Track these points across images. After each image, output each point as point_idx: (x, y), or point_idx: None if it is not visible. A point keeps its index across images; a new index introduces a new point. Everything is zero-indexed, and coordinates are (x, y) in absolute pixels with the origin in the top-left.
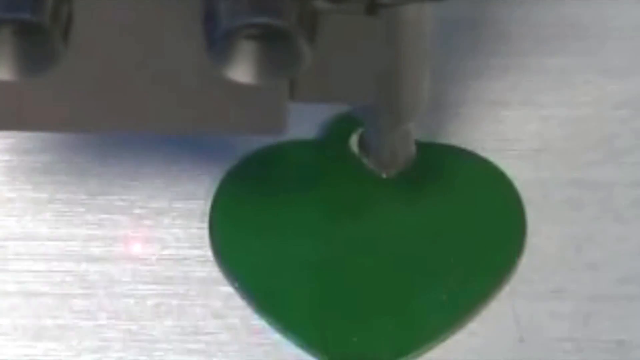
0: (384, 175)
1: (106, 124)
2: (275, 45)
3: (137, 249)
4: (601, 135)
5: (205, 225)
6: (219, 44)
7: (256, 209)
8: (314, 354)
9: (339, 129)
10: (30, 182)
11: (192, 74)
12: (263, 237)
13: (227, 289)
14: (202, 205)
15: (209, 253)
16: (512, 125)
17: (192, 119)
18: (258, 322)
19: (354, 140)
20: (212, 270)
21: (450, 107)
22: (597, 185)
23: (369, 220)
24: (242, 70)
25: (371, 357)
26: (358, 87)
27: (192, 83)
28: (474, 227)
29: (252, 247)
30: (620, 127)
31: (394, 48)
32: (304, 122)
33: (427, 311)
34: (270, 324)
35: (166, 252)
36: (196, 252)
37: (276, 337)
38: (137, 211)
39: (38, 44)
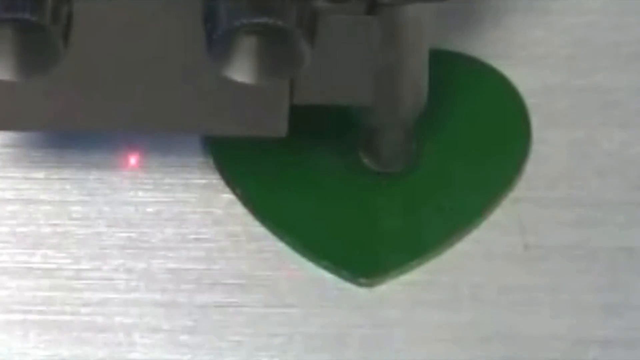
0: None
1: (106, 123)
2: (275, 45)
3: (137, 155)
4: (607, 42)
5: None
6: (218, 44)
7: None
8: (315, 261)
9: None
10: None
11: (192, 74)
12: (265, 144)
13: (228, 195)
14: None
15: (210, 160)
16: (516, 32)
17: (192, 119)
18: (259, 229)
19: None
20: (213, 177)
21: (455, 14)
22: (603, 91)
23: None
24: (242, 70)
25: (374, 263)
26: (358, 87)
27: (192, 83)
28: (478, 134)
29: (254, 154)
30: (627, 35)
31: (394, 48)
32: None
33: (432, 218)
34: (271, 230)
35: (166, 158)
36: (197, 159)
37: (278, 244)
38: None
39: (38, 44)
